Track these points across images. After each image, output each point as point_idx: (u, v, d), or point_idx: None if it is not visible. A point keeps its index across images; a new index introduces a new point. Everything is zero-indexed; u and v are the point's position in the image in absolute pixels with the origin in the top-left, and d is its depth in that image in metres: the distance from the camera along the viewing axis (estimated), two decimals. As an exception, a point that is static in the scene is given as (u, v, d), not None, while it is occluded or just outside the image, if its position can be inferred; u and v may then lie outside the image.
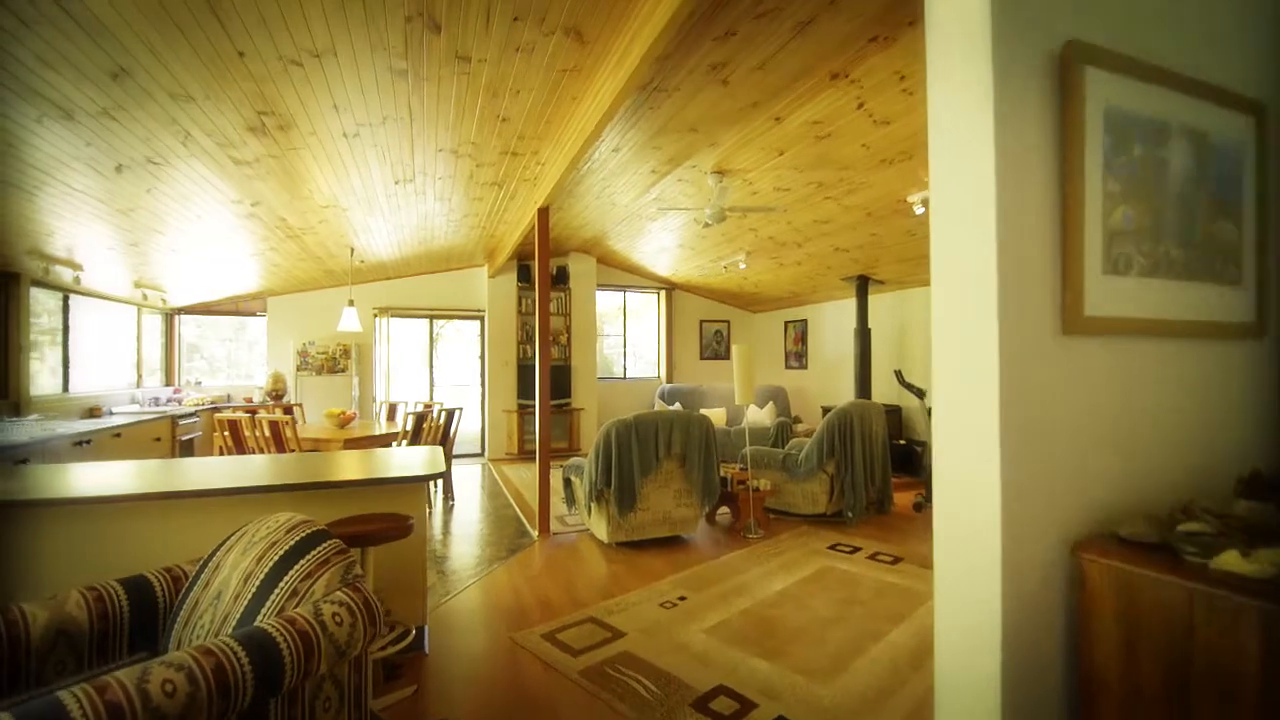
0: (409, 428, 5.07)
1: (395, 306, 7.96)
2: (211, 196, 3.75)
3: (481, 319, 8.49)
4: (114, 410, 5.69)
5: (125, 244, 4.37)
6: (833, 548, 4.19)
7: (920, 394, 5.45)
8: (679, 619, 3.04)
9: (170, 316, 7.23)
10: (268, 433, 4.63)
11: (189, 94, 2.50)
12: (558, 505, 5.13)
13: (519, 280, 8.22)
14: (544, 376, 4.74)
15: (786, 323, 9.19)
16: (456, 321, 8.91)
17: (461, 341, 9.61)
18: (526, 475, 6.85)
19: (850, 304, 7.90)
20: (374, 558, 2.28)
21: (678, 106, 3.55)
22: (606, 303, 9.36)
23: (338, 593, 1.68)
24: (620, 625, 2.96)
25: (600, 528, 4.23)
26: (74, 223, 3.70)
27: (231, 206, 4.02)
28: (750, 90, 3.36)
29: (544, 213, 4.65)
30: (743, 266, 7.03)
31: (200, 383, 7.36)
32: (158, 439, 5.49)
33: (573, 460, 4.70)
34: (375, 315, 7.81)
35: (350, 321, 5.80)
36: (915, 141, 3.82)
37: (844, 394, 7.86)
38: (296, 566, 1.75)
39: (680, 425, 4.22)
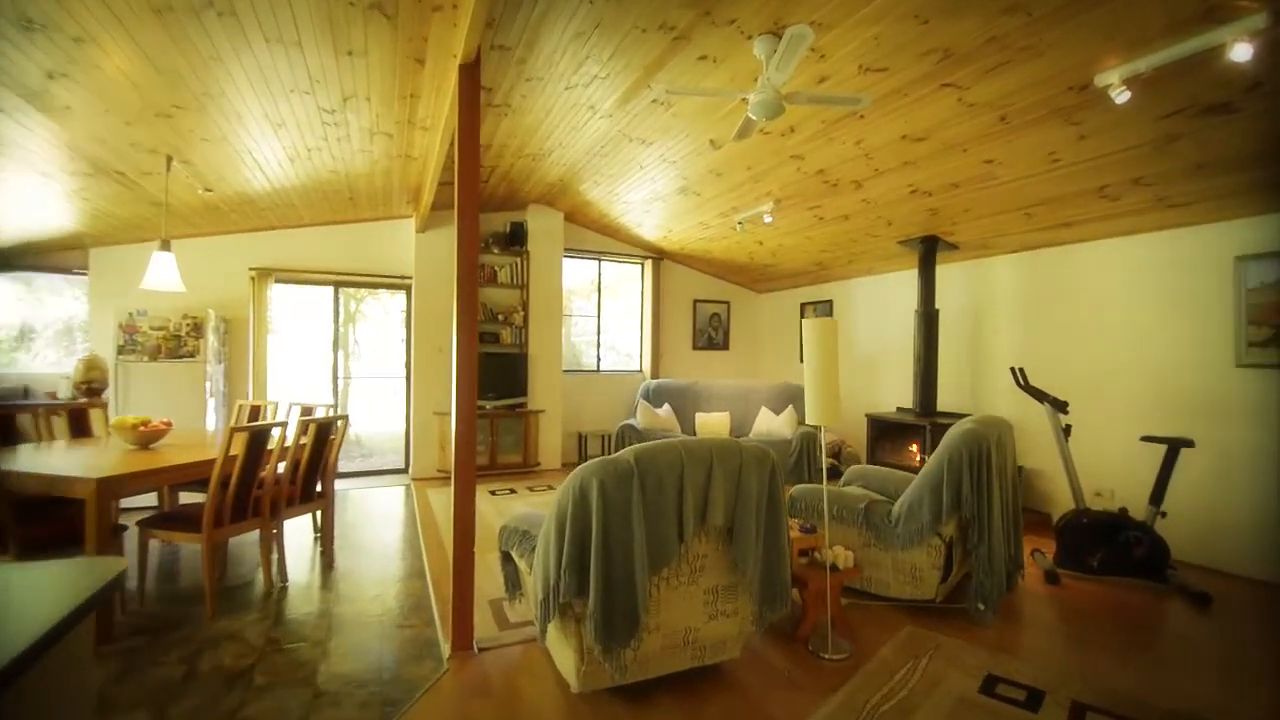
0: (237, 451, 2.95)
1: (282, 268, 5.73)
2: None
3: (408, 289, 6.34)
4: None
5: None
6: (990, 690, 2.28)
7: (1061, 406, 3.59)
8: None
9: (-74, 270, 4.87)
10: (-62, 466, 2.46)
11: None
12: (495, 578, 3.09)
13: (458, 237, 6.09)
14: (466, 354, 2.65)
15: (804, 304, 7.30)
16: (382, 294, 6.74)
17: (388, 321, 7.40)
18: (459, 509, 4.76)
19: (893, 279, 6.05)
20: None
21: None
22: (576, 275, 7.31)
23: None
24: None
25: (565, 659, 2.21)
26: None
27: None
28: None
29: (469, 71, 2.58)
30: (768, 220, 5.08)
31: (-24, 369, 5.02)
32: None
33: (517, 515, 2.65)
34: (252, 278, 5.58)
35: (162, 274, 3.61)
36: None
37: (888, 397, 6.01)
38: None
39: (724, 467, 2.20)
